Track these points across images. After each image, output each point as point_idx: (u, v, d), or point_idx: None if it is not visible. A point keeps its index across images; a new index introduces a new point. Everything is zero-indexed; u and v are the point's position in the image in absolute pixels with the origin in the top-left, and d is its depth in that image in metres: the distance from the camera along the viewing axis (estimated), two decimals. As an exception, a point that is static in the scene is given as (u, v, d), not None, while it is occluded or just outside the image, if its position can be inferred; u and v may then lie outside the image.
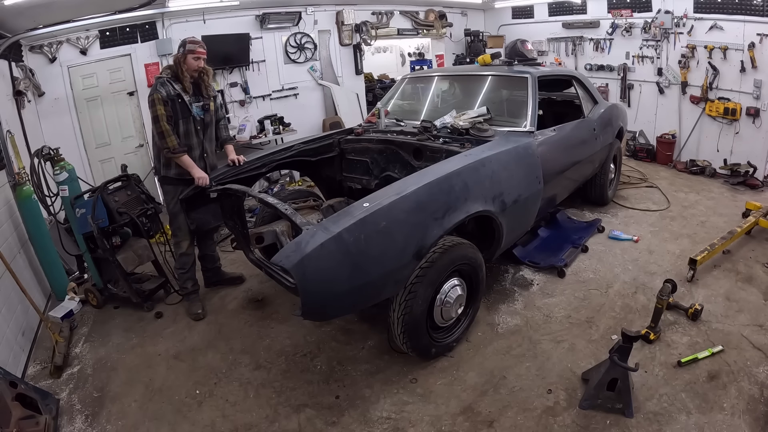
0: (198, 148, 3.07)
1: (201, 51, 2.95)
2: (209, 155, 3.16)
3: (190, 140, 3.01)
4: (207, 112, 3.09)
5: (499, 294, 3.22)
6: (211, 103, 3.11)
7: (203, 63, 2.99)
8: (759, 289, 3.07)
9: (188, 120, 2.98)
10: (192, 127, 3.01)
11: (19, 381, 2.35)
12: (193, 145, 3.03)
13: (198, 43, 2.96)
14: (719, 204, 4.61)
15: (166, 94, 2.85)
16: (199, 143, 3.08)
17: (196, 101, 3.02)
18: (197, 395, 2.47)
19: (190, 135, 3.01)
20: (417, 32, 7.28)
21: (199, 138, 3.07)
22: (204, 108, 3.06)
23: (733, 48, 5.07)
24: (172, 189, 3.08)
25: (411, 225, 2.26)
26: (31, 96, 4.39)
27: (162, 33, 5.10)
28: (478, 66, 4.05)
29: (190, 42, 2.95)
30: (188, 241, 3.18)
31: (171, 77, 2.93)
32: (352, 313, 2.79)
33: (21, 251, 3.33)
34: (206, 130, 3.13)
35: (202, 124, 3.08)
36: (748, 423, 2.04)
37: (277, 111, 5.98)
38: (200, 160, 3.07)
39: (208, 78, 3.08)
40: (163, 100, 2.84)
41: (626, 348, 2.12)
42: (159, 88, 2.85)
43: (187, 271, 3.25)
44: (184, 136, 2.98)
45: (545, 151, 3.14)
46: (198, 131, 3.06)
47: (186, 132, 2.99)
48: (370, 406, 2.31)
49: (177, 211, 3.09)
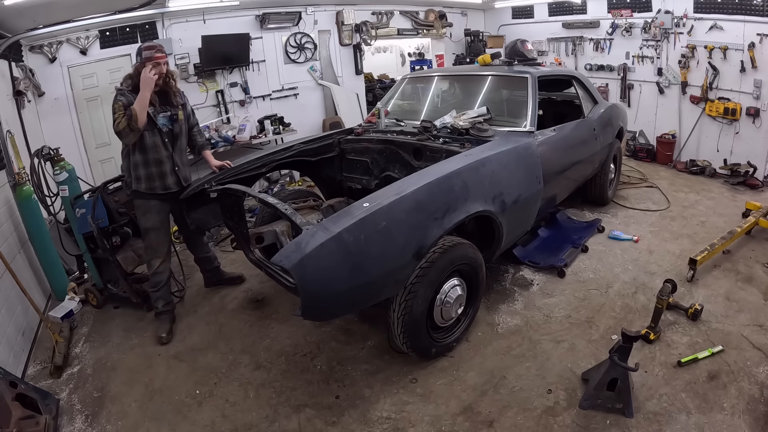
0: (168, 161, 2.86)
1: (160, 56, 2.69)
2: (181, 168, 2.94)
3: (158, 154, 2.81)
4: (176, 122, 2.87)
5: (499, 294, 3.22)
6: (179, 112, 2.89)
7: (165, 68, 2.73)
8: (759, 289, 3.07)
9: (154, 133, 2.77)
10: (159, 140, 2.80)
11: (19, 381, 2.35)
12: (162, 159, 2.83)
13: (155, 47, 2.70)
14: (719, 204, 4.61)
15: (127, 103, 2.62)
16: (169, 157, 2.86)
17: (163, 111, 2.80)
18: (197, 395, 2.47)
19: (157, 149, 2.81)
20: (417, 32, 7.28)
21: (168, 151, 2.85)
22: (172, 118, 2.84)
23: (733, 48, 5.07)
24: (142, 204, 2.90)
25: (411, 225, 2.26)
26: (31, 96, 4.39)
27: (162, 33, 5.10)
28: (478, 66, 4.05)
29: (146, 48, 2.68)
30: (160, 259, 2.99)
31: (131, 89, 2.68)
32: (352, 313, 2.79)
33: (21, 251, 3.33)
34: (176, 142, 2.90)
35: (171, 136, 2.86)
36: (748, 423, 2.04)
37: (277, 111, 5.98)
38: (171, 174, 2.88)
39: (175, 83, 2.86)
40: (124, 106, 2.60)
41: (626, 348, 2.12)
42: (119, 98, 2.63)
43: (159, 290, 3.04)
44: (151, 150, 2.79)
45: (545, 151, 3.14)
46: (166, 144, 2.84)
47: (153, 146, 2.79)
48: (370, 406, 2.31)
49: (149, 227, 2.93)
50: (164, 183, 2.87)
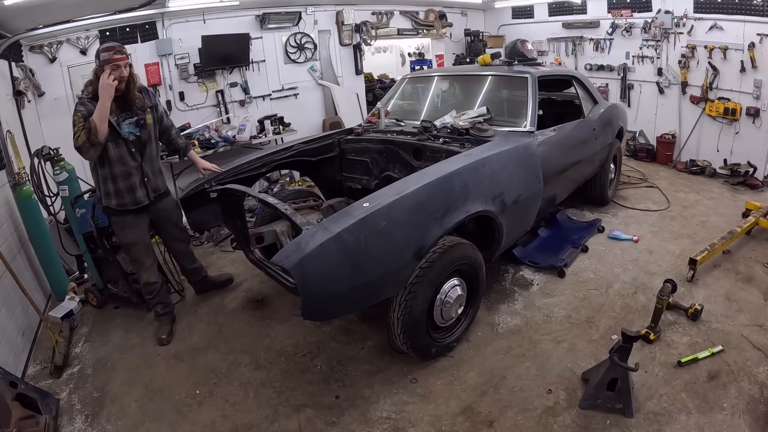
0: (136, 173, 2.68)
1: (119, 57, 2.45)
2: (150, 178, 2.77)
3: (125, 166, 2.62)
4: (143, 128, 2.67)
5: (499, 294, 3.22)
6: (147, 115, 2.69)
7: (126, 71, 2.50)
8: (759, 289, 3.06)
9: (118, 143, 2.57)
10: (125, 150, 2.60)
11: (19, 381, 2.35)
12: (130, 171, 2.64)
13: (113, 47, 2.46)
14: (719, 204, 4.61)
15: (87, 113, 2.42)
16: (137, 167, 2.67)
17: (128, 117, 2.61)
18: (197, 395, 2.47)
19: (124, 160, 2.62)
20: (417, 32, 7.27)
21: (136, 161, 2.66)
22: (138, 124, 2.65)
23: (733, 48, 5.06)
24: (118, 220, 2.77)
25: (411, 225, 2.26)
26: (31, 96, 4.38)
27: (162, 33, 5.10)
28: (478, 66, 4.05)
29: (104, 50, 2.44)
30: (148, 272, 2.90)
31: (91, 97, 2.47)
32: (352, 313, 2.79)
33: (21, 251, 3.33)
34: (144, 150, 2.71)
35: (138, 144, 2.67)
36: (748, 423, 2.04)
37: (277, 111, 5.97)
38: (141, 187, 2.71)
39: (134, 86, 2.61)
40: (84, 117, 2.42)
41: (626, 348, 2.12)
42: (78, 108, 2.45)
43: (155, 296, 2.99)
44: (117, 162, 2.60)
45: (545, 151, 3.14)
46: (133, 153, 2.64)
47: (119, 157, 2.59)
48: (370, 406, 2.31)
49: (128, 243, 2.81)
50: (134, 197, 2.72)
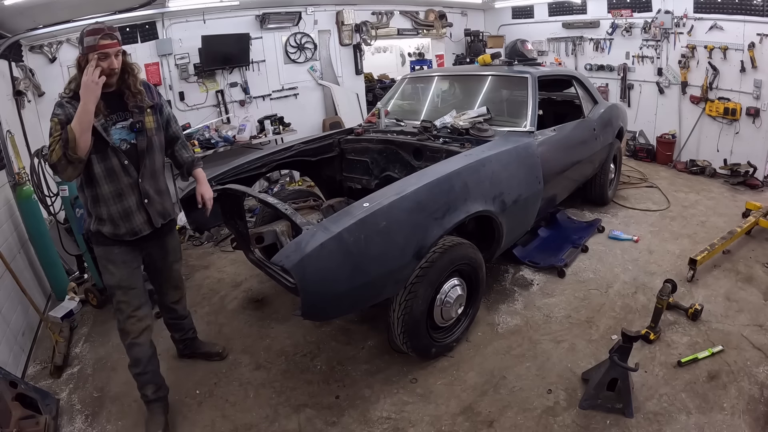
0: (132, 193, 1.99)
1: (107, 43, 1.81)
2: (154, 200, 2.06)
3: (116, 184, 1.95)
4: (140, 133, 1.98)
5: (499, 294, 3.22)
6: (147, 117, 2.01)
7: (117, 61, 1.87)
8: (759, 289, 3.07)
9: (106, 154, 1.90)
10: (116, 163, 1.93)
11: (19, 381, 2.34)
12: (123, 191, 1.96)
13: (101, 30, 1.81)
14: (719, 204, 4.61)
15: (65, 119, 1.80)
16: (133, 185, 1.99)
17: (120, 120, 1.95)
18: (197, 395, 2.47)
19: (114, 176, 1.93)
20: (417, 32, 7.28)
21: (130, 177, 1.97)
22: (134, 128, 1.97)
23: (733, 48, 5.07)
24: (103, 252, 2.04)
25: (411, 225, 2.26)
26: (31, 96, 4.38)
27: (162, 33, 5.10)
28: (478, 66, 4.06)
29: (89, 33, 1.81)
30: (136, 329, 2.09)
31: (72, 96, 1.85)
32: (352, 313, 2.79)
33: (21, 251, 3.33)
34: (142, 162, 2.00)
35: (133, 155, 1.98)
36: (748, 423, 2.04)
37: (277, 111, 5.98)
38: (139, 211, 2.01)
39: (135, 80, 1.97)
40: (62, 123, 1.80)
41: (626, 348, 2.12)
42: (56, 111, 1.83)
43: (144, 369, 2.14)
44: (106, 179, 1.92)
45: (545, 151, 3.14)
46: (126, 167, 1.95)
47: (107, 172, 1.92)
48: (370, 406, 2.31)
49: (113, 285, 2.05)
50: (131, 225, 2.02)
